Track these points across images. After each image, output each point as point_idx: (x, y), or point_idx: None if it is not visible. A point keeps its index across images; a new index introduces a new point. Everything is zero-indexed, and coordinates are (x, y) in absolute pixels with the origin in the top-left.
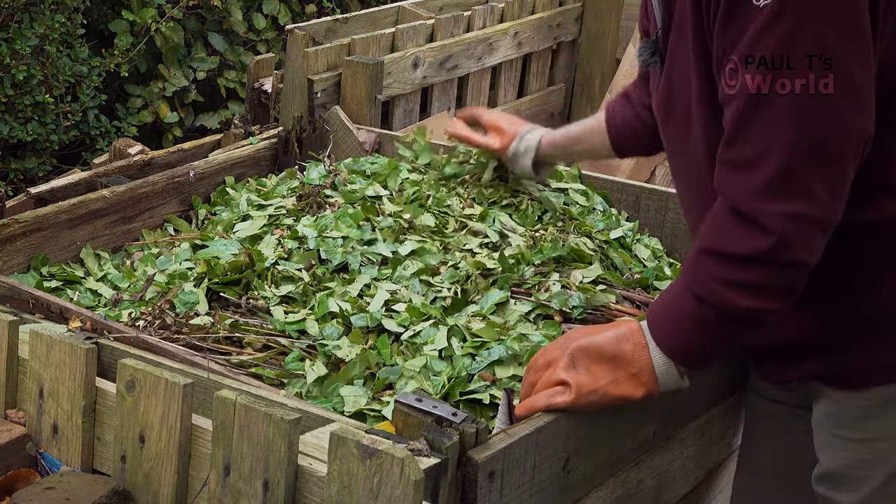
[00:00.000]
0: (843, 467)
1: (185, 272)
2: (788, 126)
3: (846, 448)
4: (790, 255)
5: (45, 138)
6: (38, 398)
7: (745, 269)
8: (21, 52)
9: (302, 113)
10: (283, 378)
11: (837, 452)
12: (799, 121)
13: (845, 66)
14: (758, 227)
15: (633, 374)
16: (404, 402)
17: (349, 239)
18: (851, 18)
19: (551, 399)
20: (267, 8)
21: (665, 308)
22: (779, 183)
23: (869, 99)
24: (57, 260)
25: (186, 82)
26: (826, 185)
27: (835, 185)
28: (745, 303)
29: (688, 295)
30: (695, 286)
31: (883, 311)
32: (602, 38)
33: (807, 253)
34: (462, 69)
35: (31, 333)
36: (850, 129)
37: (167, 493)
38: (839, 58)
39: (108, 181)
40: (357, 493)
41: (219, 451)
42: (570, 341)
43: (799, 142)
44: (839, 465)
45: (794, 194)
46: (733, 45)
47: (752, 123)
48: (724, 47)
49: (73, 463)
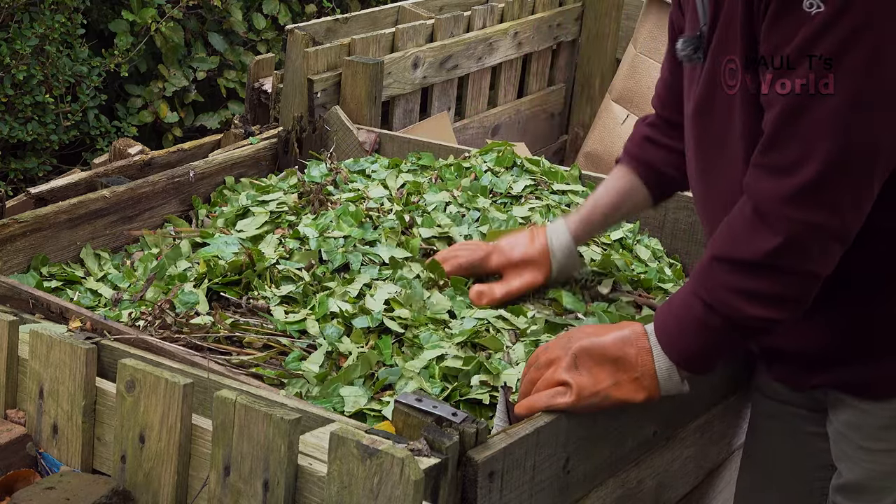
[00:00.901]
0: (866, 478)
1: (184, 273)
2: (827, 136)
3: (870, 459)
4: (805, 264)
5: (45, 138)
6: (38, 398)
7: (756, 276)
8: (21, 52)
9: (302, 113)
10: (283, 378)
11: (860, 463)
12: (838, 131)
13: (888, 81)
14: (772, 229)
15: (635, 377)
16: (404, 402)
17: (350, 238)
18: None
19: (552, 400)
20: (267, 8)
21: (672, 313)
22: (809, 192)
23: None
24: (57, 260)
25: (186, 82)
26: (853, 198)
27: (861, 198)
28: (754, 311)
29: (696, 301)
30: (704, 292)
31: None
32: (602, 38)
33: (821, 264)
34: (462, 69)
35: (31, 333)
36: (886, 144)
37: (167, 493)
38: (884, 73)
39: (108, 181)
40: (357, 493)
41: (219, 451)
42: (573, 341)
43: (835, 153)
44: (862, 475)
45: (820, 205)
46: (778, 49)
47: (790, 130)
48: (769, 50)
49: (73, 463)
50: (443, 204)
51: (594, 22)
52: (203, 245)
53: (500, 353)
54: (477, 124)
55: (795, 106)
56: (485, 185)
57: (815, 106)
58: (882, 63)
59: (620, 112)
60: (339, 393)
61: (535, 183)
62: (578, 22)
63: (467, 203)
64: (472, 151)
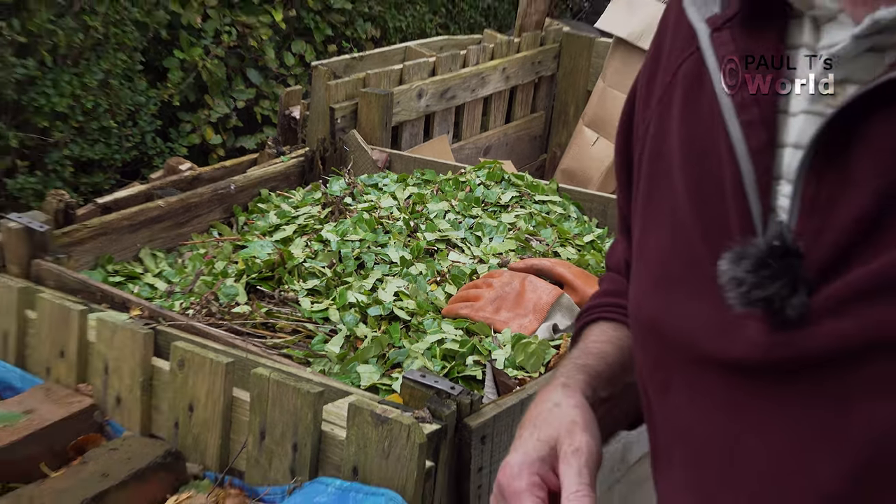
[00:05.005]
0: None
1: (226, 270)
2: None
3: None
4: None
5: (109, 157)
6: (104, 374)
7: None
8: (89, 85)
9: (325, 136)
10: (309, 357)
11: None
12: None
13: None
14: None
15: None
16: (411, 377)
17: (365, 241)
18: None
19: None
20: (295, 48)
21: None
22: None
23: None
24: (120, 259)
25: (228, 110)
26: None
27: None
28: None
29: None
30: None
31: None
32: (576, 73)
33: None
34: (459, 99)
35: (98, 320)
36: None
37: (212, 454)
38: None
39: (162, 193)
40: (371, 453)
41: (255, 418)
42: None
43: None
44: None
45: None
46: None
47: None
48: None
49: (133, 428)
50: (443, 212)
51: (569, 60)
52: (242, 247)
53: (489, 338)
54: (471, 145)
55: None
56: (478, 196)
57: None
58: None
59: (591, 135)
60: (356, 370)
61: (520, 194)
62: (556, 59)
63: (464, 211)
64: (467, 168)
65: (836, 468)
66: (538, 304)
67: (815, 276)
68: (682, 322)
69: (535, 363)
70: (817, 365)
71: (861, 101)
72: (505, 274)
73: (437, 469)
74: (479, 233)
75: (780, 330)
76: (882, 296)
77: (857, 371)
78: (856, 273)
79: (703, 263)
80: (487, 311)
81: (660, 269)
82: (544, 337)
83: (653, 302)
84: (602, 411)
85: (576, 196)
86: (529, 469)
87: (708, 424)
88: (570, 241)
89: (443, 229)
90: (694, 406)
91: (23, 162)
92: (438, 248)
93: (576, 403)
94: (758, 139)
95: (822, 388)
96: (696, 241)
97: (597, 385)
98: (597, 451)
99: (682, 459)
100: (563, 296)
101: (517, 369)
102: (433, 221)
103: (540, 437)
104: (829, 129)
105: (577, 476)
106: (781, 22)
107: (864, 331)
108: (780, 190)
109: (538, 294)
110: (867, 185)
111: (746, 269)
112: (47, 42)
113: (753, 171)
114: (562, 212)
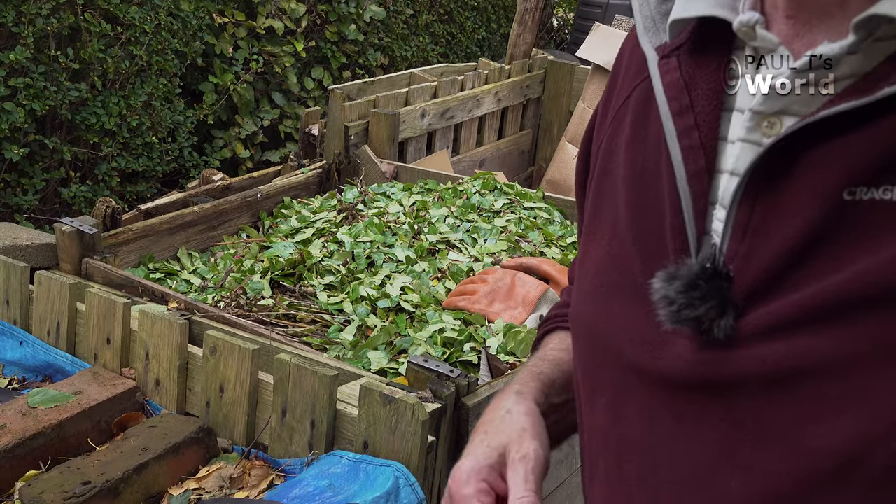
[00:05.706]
0: None
1: (253, 268)
2: None
3: None
4: None
5: (151, 169)
6: (144, 360)
7: None
8: (134, 106)
9: (340, 150)
10: (326, 345)
11: None
12: None
13: None
14: None
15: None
16: (415, 362)
17: (375, 242)
18: None
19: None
20: (315, 74)
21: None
22: None
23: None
24: (160, 258)
25: (256, 128)
26: None
27: None
28: None
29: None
30: None
31: None
32: (559, 96)
33: None
34: (457, 118)
35: (140, 312)
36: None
37: (240, 430)
38: None
39: (197, 200)
40: (380, 429)
41: (278, 398)
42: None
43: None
44: None
45: None
46: None
47: None
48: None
49: (170, 407)
50: (443, 217)
51: (553, 84)
52: (267, 247)
53: (484, 327)
54: (468, 159)
55: None
56: (474, 203)
57: None
58: None
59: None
60: (367, 356)
61: (510, 201)
62: (542, 84)
63: (461, 216)
64: (464, 179)
65: (746, 489)
66: (527, 297)
67: (745, 300)
68: (615, 330)
69: (524, 349)
70: (739, 385)
71: (797, 134)
72: (498, 271)
73: (438, 443)
74: (475, 235)
75: (706, 349)
76: (805, 326)
77: (776, 395)
78: (781, 302)
79: (638, 278)
80: (482, 304)
81: (598, 279)
82: (532, 326)
83: (590, 308)
84: (555, 417)
85: (559, 203)
86: (477, 476)
87: (629, 434)
88: (554, 242)
89: (443, 232)
90: (618, 415)
91: (75, 173)
92: (439, 248)
93: (526, 410)
94: (696, 164)
95: (741, 408)
96: (634, 256)
97: (549, 392)
98: (544, 458)
99: (605, 469)
100: (548, 290)
101: (509, 355)
102: (435, 225)
103: (490, 444)
104: (766, 158)
105: (523, 482)
106: (726, 51)
107: (786, 358)
108: (716, 214)
109: (527, 289)
110: (800, 214)
111: (678, 290)
112: (98, 68)
113: (690, 194)
114: (547, 217)
